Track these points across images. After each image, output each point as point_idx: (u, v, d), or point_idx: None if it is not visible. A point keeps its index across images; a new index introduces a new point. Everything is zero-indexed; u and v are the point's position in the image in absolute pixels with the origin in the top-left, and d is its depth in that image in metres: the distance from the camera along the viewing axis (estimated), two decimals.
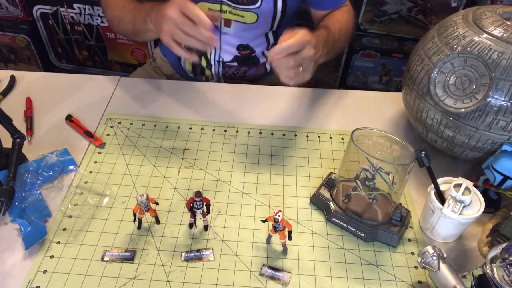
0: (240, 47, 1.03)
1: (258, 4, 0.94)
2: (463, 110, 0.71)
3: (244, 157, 0.85)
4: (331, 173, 0.79)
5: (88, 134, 0.87)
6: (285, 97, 1.00)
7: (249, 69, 1.09)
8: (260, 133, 0.90)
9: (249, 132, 0.90)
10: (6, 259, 0.67)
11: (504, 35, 0.69)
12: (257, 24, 0.98)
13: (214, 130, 0.90)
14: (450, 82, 0.73)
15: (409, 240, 0.72)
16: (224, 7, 0.95)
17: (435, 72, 0.73)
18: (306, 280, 0.66)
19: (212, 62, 1.06)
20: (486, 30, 0.71)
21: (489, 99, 0.68)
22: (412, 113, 0.82)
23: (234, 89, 1.02)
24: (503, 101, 0.68)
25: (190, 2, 0.71)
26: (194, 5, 0.71)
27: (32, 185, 0.76)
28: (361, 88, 1.86)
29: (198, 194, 0.66)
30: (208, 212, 0.69)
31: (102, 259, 0.67)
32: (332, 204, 0.74)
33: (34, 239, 0.67)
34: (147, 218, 0.72)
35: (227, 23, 0.98)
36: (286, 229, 0.66)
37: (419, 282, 0.66)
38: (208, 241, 0.70)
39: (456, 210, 0.66)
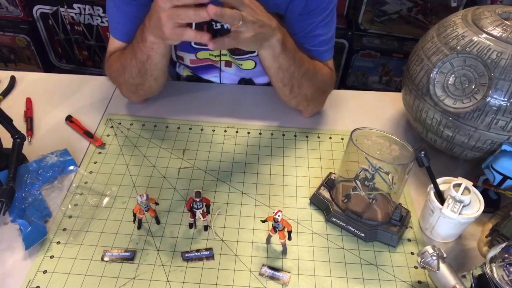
0: (241, 81, 1.04)
1: (256, 52, 0.91)
2: (462, 110, 0.71)
3: (244, 157, 0.85)
4: (330, 173, 0.79)
5: (88, 135, 0.87)
6: None
7: None
8: (260, 133, 0.90)
9: (249, 132, 0.90)
10: (6, 259, 0.67)
11: (503, 35, 0.69)
12: (255, 69, 0.96)
13: (214, 130, 0.90)
14: (449, 82, 0.73)
15: (409, 240, 0.72)
16: (224, 51, 0.93)
17: (435, 72, 0.73)
18: (306, 280, 0.66)
19: None
20: (485, 30, 0.71)
21: (488, 99, 0.68)
22: (412, 113, 0.82)
23: (234, 89, 1.02)
24: (502, 101, 0.68)
25: None
26: None
27: (32, 186, 0.76)
28: (361, 88, 1.86)
29: (198, 194, 0.66)
30: (208, 212, 0.69)
31: (102, 259, 0.67)
32: (331, 204, 0.74)
33: (34, 239, 0.68)
34: (147, 218, 0.72)
35: (228, 64, 0.97)
36: (286, 229, 0.66)
37: (419, 282, 0.66)
38: (208, 241, 0.70)
39: (455, 210, 0.66)
